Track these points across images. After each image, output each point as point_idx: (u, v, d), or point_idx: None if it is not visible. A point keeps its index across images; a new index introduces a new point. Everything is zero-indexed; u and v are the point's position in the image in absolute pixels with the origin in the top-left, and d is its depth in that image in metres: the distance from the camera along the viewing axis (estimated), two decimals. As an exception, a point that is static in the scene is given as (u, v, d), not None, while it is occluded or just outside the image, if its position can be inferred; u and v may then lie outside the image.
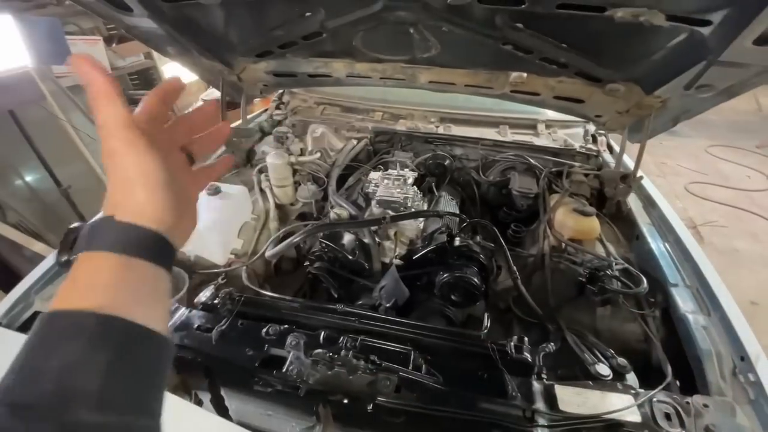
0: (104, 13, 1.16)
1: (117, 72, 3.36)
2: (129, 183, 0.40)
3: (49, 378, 0.32)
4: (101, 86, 0.39)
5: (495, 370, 0.84)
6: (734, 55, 0.82)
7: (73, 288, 0.36)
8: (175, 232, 0.42)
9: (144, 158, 0.39)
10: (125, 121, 0.39)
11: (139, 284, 0.38)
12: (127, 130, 0.39)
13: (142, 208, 0.39)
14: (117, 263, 0.37)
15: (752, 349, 0.88)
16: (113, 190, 0.40)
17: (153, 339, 0.37)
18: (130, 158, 0.39)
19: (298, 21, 1.14)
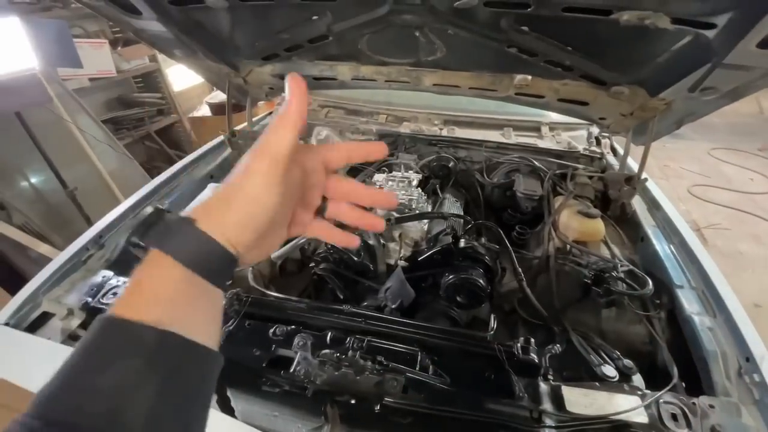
0: (113, 17, 1.17)
1: (122, 75, 3.38)
2: (236, 201, 0.39)
3: (101, 398, 0.31)
4: (293, 112, 0.40)
5: (502, 371, 0.84)
6: (738, 58, 0.83)
7: (137, 294, 0.36)
8: (246, 258, 0.41)
9: (267, 190, 0.39)
10: (285, 152, 0.39)
11: (199, 302, 0.38)
12: (277, 162, 0.39)
13: (230, 229, 0.39)
14: (183, 277, 0.36)
15: (757, 350, 0.88)
16: (216, 198, 0.40)
17: (206, 356, 0.37)
18: (255, 184, 0.39)
19: (305, 24, 1.15)
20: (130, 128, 3.53)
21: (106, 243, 1.27)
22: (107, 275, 1.13)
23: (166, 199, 1.45)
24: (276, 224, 0.42)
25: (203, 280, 0.38)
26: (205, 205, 0.39)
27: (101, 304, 1.05)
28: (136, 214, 1.37)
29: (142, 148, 3.80)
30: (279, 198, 0.40)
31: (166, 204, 1.42)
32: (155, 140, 3.74)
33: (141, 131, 3.61)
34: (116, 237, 1.28)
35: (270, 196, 0.39)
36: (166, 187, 1.54)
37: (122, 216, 1.34)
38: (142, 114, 3.60)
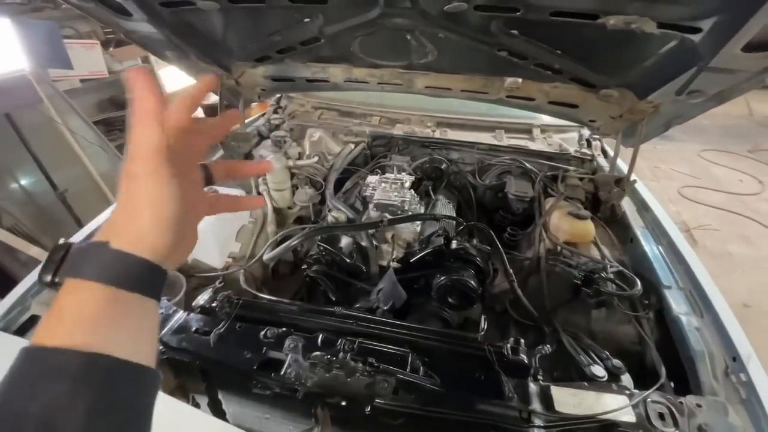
0: (103, 18, 1.16)
1: (114, 76, 3.36)
2: (137, 209, 0.39)
3: (31, 424, 0.31)
4: (150, 106, 0.39)
5: (492, 371, 0.85)
6: (724, 62, 0.84)
7: (58, 320, 0.35)
8: (170, 260, 0.41)
9: (160, 188, 0.39)
10: (158, 146, 0.39)
11: (126, 318, 0.37)
12: (154, 157, 0.39)
13: (144, 236, 0.38)
14: (106, 296, 0.36)
15: (744, 350, 0.89)
16: (118, 214, 0.39)
17: (139, 373, 0.36)
18: (146, 186, 0.39)
19: (297, 27, 1.15)
20: (122, 129, 3.50)
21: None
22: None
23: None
24: (185, 214, 0.41)
25: (131, 294, 0.37)
26: (111, 225, 0.39)
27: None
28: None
29: (135, 150, 3.77)
30: (177, 189, 0.39)
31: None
32: (148, 142, 3.71)
33: (133, 133, 3.58)
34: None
35: (167, 191, 0.39)
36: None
37: (112, 218, 1.33)
38: (135, 115, 3.56)
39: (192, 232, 0.45)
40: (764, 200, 4.16)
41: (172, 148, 0.40)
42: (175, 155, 0.40)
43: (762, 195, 4.25)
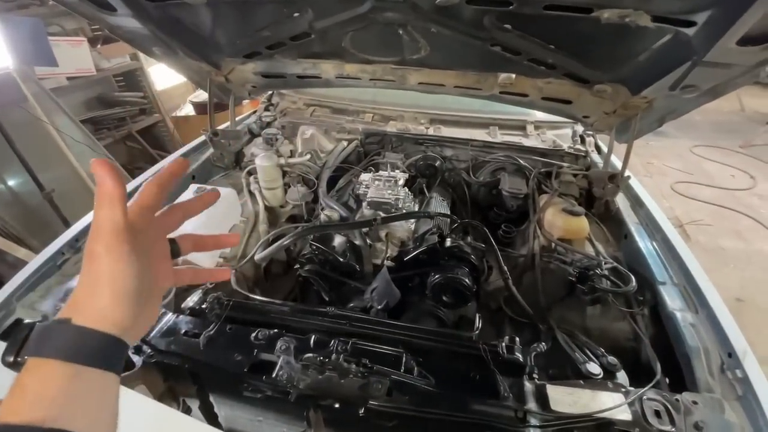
0: (88, 13, 1.13)
1: (102, 74, 3.30)
2: (97, 286, 0.40)
3: None
4: (108, 189, 0.41)
5: (487, 370, 0.84)
6: (718, 56, 0.83)
7: (21, 398, 0.36)
8: (132, 332, 0.42)
9: (118, 265, 0.41)
10: (116, 226, 0.41)
11: (87, 393, 0.38)
12: (114, 236, 0.41)
13: (104, 312, 0.40)
14: (66, 372, 0.37)
15: (739, 346, 0.89)
16: (79, 291, 0.41)
17: None
18: (106, 263, 0.40)
19: (286, 21, 1.13)
20: (110, 128, 3.45)
21: (83, 246, 1.23)
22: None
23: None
24: (145, 288, 0.43)
25: (91, 369, 0.38)
26: (72, 302, 0.40)
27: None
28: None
29: (124, 149, 3.71)
30: (136, 264, 0.42)
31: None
32: (137, 140, 3.66)
33: (122, 131, 3.52)
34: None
35: (126, 267, 0.41)
36: (147, 189, 1.50)
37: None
38: (124, 113, 3.51)
39: (153, 304, 0.47)
40: (756, 195, 4.20)
41: (134, 226, 0.42)
42: (137, 233, 0.42)
43: (753, 190, 4.29)
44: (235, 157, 1.77)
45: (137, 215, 0.44)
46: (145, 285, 0.43)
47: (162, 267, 0.48)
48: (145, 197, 0.45)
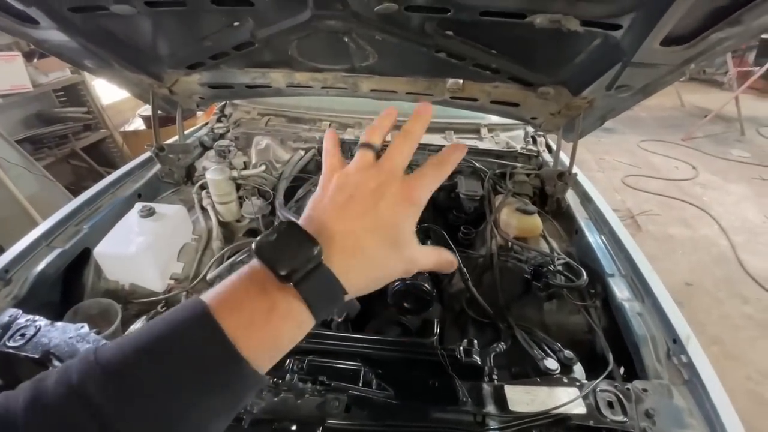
0: (7, 27, 1.05)
1: (40, 89, 3.09)
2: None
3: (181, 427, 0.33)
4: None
5: (446, 376, 0.83)
6: (645, 57, 0.88)
7: (270, 342, 0.36)
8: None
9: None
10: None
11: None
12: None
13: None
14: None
15: (682, 331, 0.93)
16: (367, 235, 0.41)
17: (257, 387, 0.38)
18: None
19: (227, 31, 1.09)
20: (52, 146, 3.22)
21: (14, 277, 1.13)
22: (14, 314, 1.00)
23: (87, 223, 1.33)
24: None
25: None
26: (336, 245, 0.40)
27: (7, 348, 0.93)
28: (50, 242, 1.23)
29: (68, 168, 3.48)
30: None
31: (85, 228, 1.30)
32: (82, 158, 3.45)
33: (65, 149, 3.30)
34: (26, 270, 1.15)
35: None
36: (87, 209, 1.40)
37: (33, 245, 1.20)
38: (66, 130, 3.29)
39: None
40: (698, 184, 4.50)
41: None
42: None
43: (696, 180, 4.60)
44: (186, 172, 1.70)
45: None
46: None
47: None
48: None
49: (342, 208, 0.41)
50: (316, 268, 0.37)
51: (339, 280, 0.38)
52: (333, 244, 0.39)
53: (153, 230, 1.25)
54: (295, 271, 0.36)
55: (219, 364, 0.34)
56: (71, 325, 0.93)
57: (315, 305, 0.37)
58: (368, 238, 0.40)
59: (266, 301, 0.36)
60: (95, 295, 1.24)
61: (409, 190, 0.44)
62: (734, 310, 2.74)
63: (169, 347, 0.33)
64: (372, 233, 0.41)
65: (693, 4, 0.70)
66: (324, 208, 0.42)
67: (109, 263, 1.24)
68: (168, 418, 0.32)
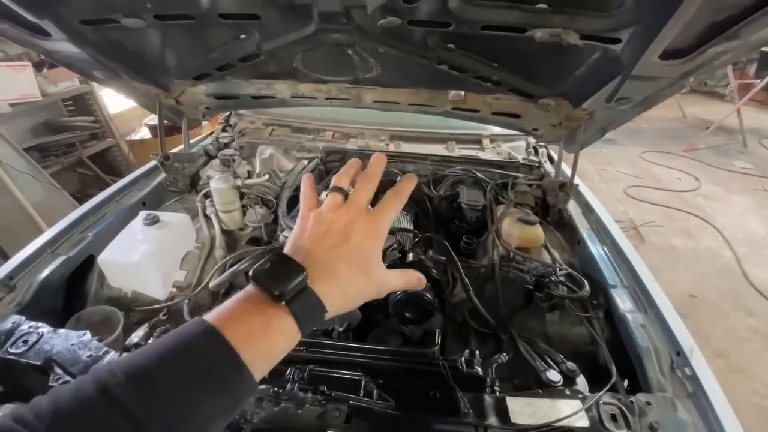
0: (20, 39, 1.08)
1: (49, 98, 3.14)
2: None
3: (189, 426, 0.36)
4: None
5: (447, 387, 0.83)
6: (644, 70, 0.89)
7: (265, 353, 0.42)
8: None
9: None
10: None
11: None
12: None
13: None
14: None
15: (686, 343, 0.92)
16: (339, 262, 0.48)
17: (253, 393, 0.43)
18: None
19: (234, 43, 1.12)
20: (59, 155, 3.26)
21: (18, 284, 1.14)
22: (17, 320, 1.00)
23: (91, 230, 1.34)
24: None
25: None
26: (327, 270, 0.48)
27: (10, 355, 0.93)
28: (55, 249, 1.24)
29: (74, 176, 3.52)
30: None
31: (90, 236, 1.31)
32: (89, 166, 3.48)
33: (71, 157, 3.34)
34: (30, 277, 1.16)
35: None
36: (92, 217, 1.42)
37: (38, 252, 1.21)
38: (73, 139, 3.34)
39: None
40: (701, 195, 4.49)
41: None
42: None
43: (699, 191, 4.59)
44: (191, 181, 1.71)
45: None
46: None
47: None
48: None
49: (320, 241, 0.49)
50: (303, 290, 0.44)
51: (321, 300, 0.45)
52: (314, 271, 0.46)
53: (156, 238, 1.26)
54: (286, 293, 0.43)
55: (223, 367, 0.39)
56: (73, 332, 0.93)
57: (302, 321, 0.44)
58: (342, 264, 0.48)
59: (263, 316, 0.42)
60: (98, 302, 1.25)
61: (374, 224, 0.52)
62: (739, 323, 2.71)
63: (181, 354, 0.39)
64: (345, 261, 0.49)
65: (690, 19, 0.72)
66: (305, 241, 0.50)
67: (112, 270, 1.25)
68: (182, 417, 0.36)
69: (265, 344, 0.42)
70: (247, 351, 0.39)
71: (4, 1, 0.85)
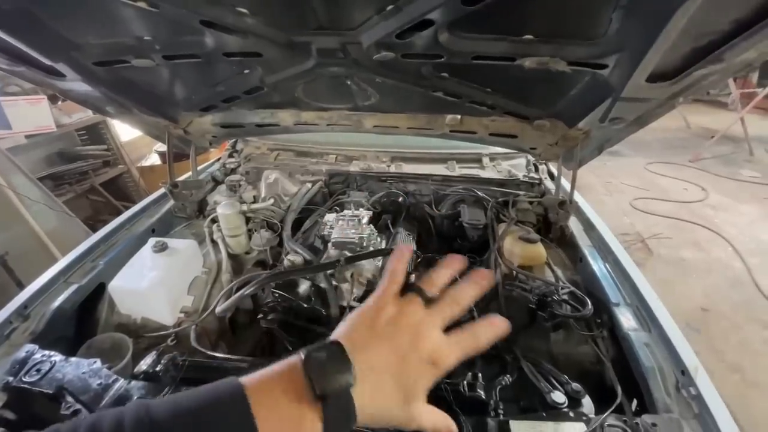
0: (36, 80, 1.15)
1: (63, 129, 3.26)
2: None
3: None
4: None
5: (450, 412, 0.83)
6: (633, 92, 0.91)
7: (286, 425, 0.39)
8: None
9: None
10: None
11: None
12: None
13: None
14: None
15: (690, 362, 0.91)
16: (395, 377, 0.45)
17: None
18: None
19: (238, 77, 1.17)
20: (72, 183, 3.36)
21: (32, 313, 1.17)
22: (31, 349, 1.03)
23: (103, 258, 1.38)
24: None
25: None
26: (374, 379, 0.44)
27: (23, 383, 0.96)
28: (67, 278, 1.28)
29: (86, 203, 3.61)
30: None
31: (101, 264, 1.35)
32: (100, 193, 3.58)
33: (84, 185, 3.44)
34: (43, 305, 1.19)
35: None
36: (103, 245, 1.46)
37: (51, 281, 1.25)
38: (86, 167, 3.45)
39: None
40: (709, 206, 4.44)
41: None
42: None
43: (706, 201, 4.55)
44: (198, 206, 1.76)
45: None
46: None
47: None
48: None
49: (383, 340, 0.46)
50: (344, 395, 0.41)
51: (356, 410, 0.41)
52: (362, 374, 0.42)
53: (165, 265, 1.29)
54: (328, 396, 0.40)
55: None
56: (84, 360, 0.96)
57: (329, 425, 0.41)
58: (390, 381, 0.44)
59: (298, 410, 0.40)
60: (108, 328, 1.27)
61: (440, 354, 0.47)
62: (754, 336, 2.65)
63: (207, 418, 0.38)
64: (395, 378, 0.44)
65: (672, 45, 0.74)
66: (369, 333, 0.46)
67: (122, 297, 1.28)
68: None
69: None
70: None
71: (22, 47, 0.91)
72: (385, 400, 0.44)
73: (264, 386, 0.40)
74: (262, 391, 0.40)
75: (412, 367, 0.45)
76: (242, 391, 0.39)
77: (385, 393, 0.44)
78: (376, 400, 0.43)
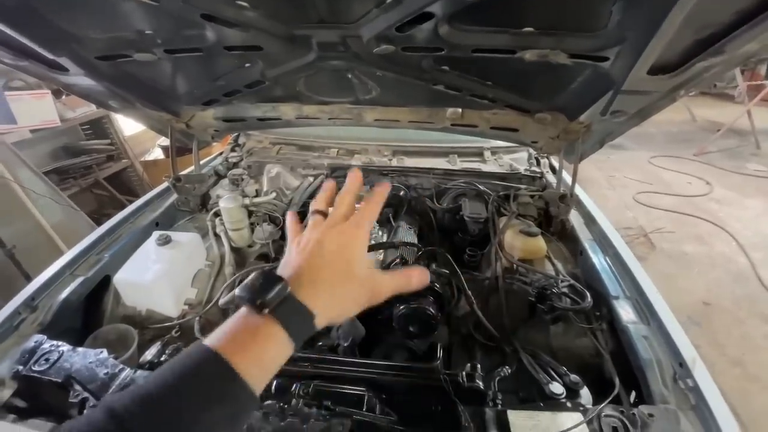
0: (39, 74, 1.15)
1: (67, 124, 3.27)
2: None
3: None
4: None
5: (449, 402, 0.84)
6: (634, 85, 0.91)
7: (256, 358, 0.44)
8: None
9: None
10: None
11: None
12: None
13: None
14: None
15: (688, 355, 0.92)
16: (320, 270, 0.52)
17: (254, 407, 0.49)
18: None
19: (239, 71, 1.17)
20: (77, 177, 3.38)
21: (40, 305, 1.19)
22: (39, 339, 1.06)
23: (108, 251, 1.40)
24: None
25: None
26: (307, 275, 0.51)
27: (33, 372, 0.98)
28: (73, 271, 1.30)
29: (91, 197, 3.64)
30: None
31: (106, 257, 1.36)
32: (104, 187, 3.61)
33: (89, 179, 3.46)
34: (51, 297, 1.21)
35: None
36: (108, 238, 1.48)
37: (58, 274, 1.27)
38: (90, 161, 3.47)
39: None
40: (713, 200, 4.41)
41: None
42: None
43: (710, 195, 4.52)
44: (201, 200, 1.77)
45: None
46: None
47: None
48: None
49: (300, 254, 0.53)
50: (286, 298, 0.47)
51: (306, 306, 0.47)
52: (298, 281, 0.49)
53: (169, 258, 1.31)
54: (267, 302, 0.46)
55: (216, 377, 0.42)
56: (91, 350, 0.98)
57: (290, 327, 0.46)
58: (324, 270, 0.52)
59: (250, 327, 0.45)
60: (114, 320, 1.29)
61: (349, 229, 0.55)
62: (756, 330, 2.65)
63: (178, 372, 0.42)
64: (328, 267, 0.52)
65: (673, 37, 0.74)
66: (291, 260, 0.54)
67: (127, 290, 1.30)
68: (180, 430, 0.39)
69: (255, 351, 0.44)
70: (238, 360, 0.42)
71: (25, 41, 0.92)
72: (329, 284, 0.51)
73: (218, 331, 0.45)
74: (217, 334, 0.45)
75: (330, 249, 0.53)
76: (199, 341, 0.44)
77: (324, 279, 0.51)
78: (322, 290, 0.50)
